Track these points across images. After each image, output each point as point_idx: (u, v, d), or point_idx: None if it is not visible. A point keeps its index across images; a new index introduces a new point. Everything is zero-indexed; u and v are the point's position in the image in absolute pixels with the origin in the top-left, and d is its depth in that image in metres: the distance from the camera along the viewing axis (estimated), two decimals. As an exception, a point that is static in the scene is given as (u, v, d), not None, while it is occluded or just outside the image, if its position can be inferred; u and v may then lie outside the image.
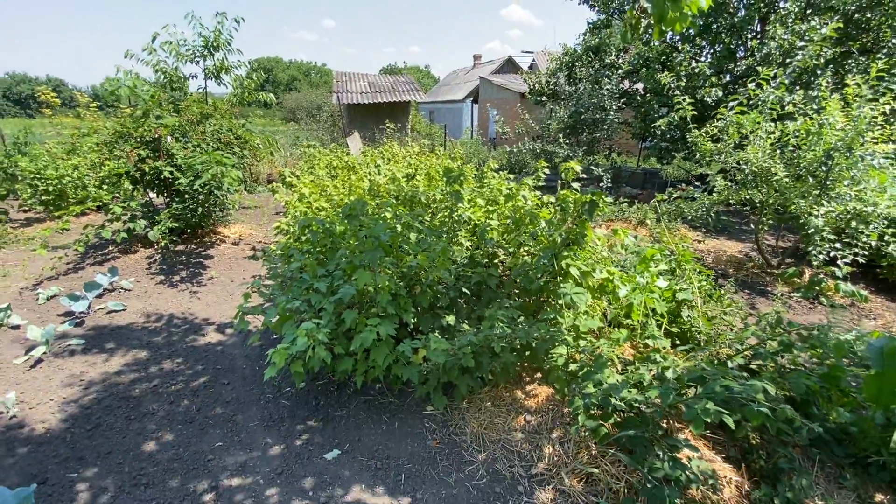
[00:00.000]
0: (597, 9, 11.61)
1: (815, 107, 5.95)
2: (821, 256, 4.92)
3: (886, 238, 4.93)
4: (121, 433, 2.70)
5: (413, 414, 2.90)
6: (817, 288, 5.35)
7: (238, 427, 2.78)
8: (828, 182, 5.03)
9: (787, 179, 5.20)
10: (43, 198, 7.30)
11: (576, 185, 3.65)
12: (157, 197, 6.29)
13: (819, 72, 7.80)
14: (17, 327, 3.98)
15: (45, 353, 3.53)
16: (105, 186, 5.75)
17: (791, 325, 2.83)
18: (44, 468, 2.44)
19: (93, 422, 2.79)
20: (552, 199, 4.12)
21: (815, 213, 5.04)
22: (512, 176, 5.11)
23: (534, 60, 23.28)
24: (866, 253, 4.97)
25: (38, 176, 7.32)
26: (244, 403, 3.01)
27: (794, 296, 5.47)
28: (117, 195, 5.88)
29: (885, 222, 4.95)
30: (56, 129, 9.23)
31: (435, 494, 2.29)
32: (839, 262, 4.96)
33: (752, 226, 6.17)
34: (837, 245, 5.02)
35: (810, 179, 5.14)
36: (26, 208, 8.04)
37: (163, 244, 5.61)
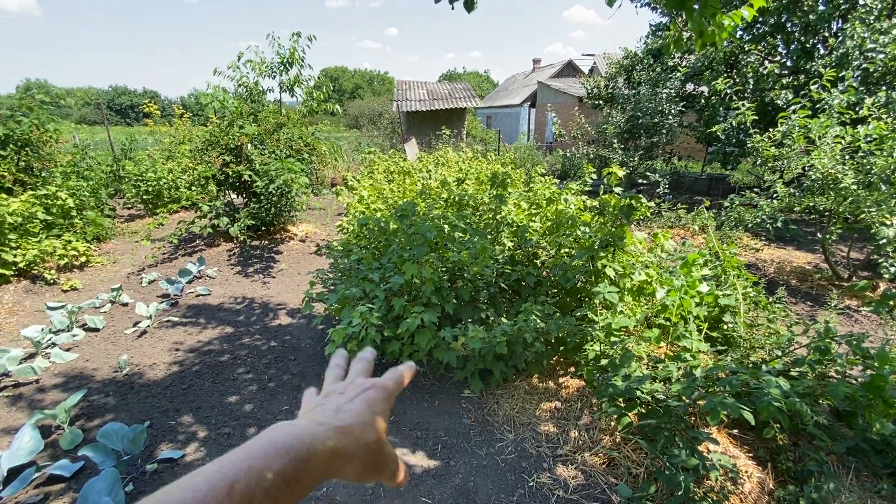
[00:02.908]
0: (659, 10, 11.35)
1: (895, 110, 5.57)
2: (892, 269, 4.65)
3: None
4: (208, 392, 3.22)
5: (452, 395, 3.19)
6: (891, 303, 5.02)
7: (301, 394, 3.21)
8: (904, 190, 4.73)
9: (854, 187, 4.94)
10: (144, 197, 8.41)
11: (618, 189, 3.79)
12: (237, 197, 7.08)
13: (906, 71, 7.20)
14: (126, 304, 4.74)
15: (148, 326, 4.21)
16: (193, 188, 6.58)
17: (829, 332, 2.81)
18: (149, 415, 2.99)
19: (186, 382, 3.35)
20: (596, 204, 4.26)
21: (888, 222, 4.76)
22: (559, 181, 5.28)
23: (594, 63, 22.89)
24: (949, 267, 4.62)
25: (140, 178, 8.45)
26: (307, 376, 3.45)
27: (864, 310, 5.17)
28: (204, 195, 6.70)
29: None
30: (155, 138, 10.54)
31: (466, 463, 2.57)
32: (914, 275, 4.66)
33: (819, 235, 5.86)
34: (913, 257, 4.71)
35: (883, 187, 4.85)
36: (129, 206, 9.27)
37: (241, 239, 6.33)
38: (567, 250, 3.84)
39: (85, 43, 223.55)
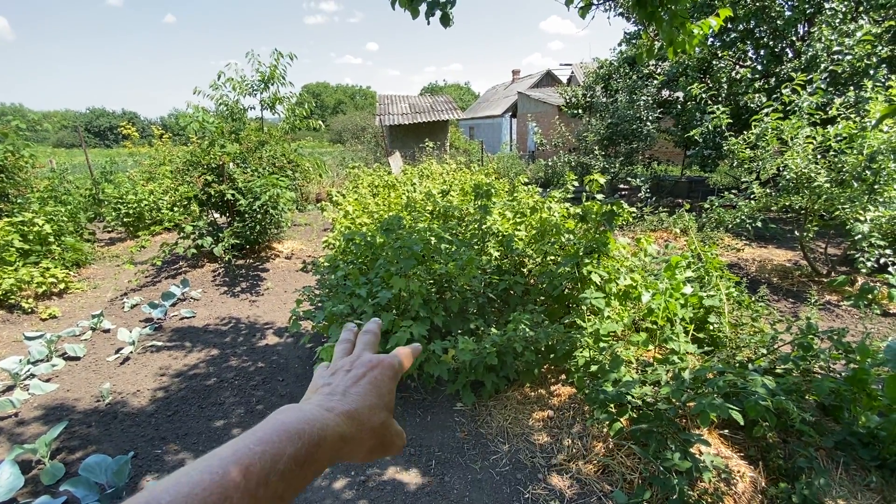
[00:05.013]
0: (632, 20, 11.64)
1: (866, 108, 5.77)
2: (868, 263, 4.78)
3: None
4: (195, 418, 3.15)
5: (444, 409, 3.16)
6: (869, 296, 5.14)
7: (291, 417, 3.15)
8: (875, 186, 4.88)
9: (828, 185, 5.08)
10: (125, 220, 8.27)
11: (599, 196, 3.84)
12: (221, 217, 6.99)
13: (872, 72, 7.48)
14: (107, 331, 4.63)
15: (131, 352, 4.11)
16: (176, 208, 6.49)
17: (811, 328, 2.86)
18: (134, 444, 2.91)
19: (172, 408, 3.27)
20: (579, 211, 4.32)
21: (862, 218, 4.90)
22: (541, 189, 5.33)
23: (573, 73, 23.32)
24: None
25: (120, 201, 8.31)
26: (296, 397, 3.40)
27: (844, 304, 5.29)
28: (187, 216, 6.62)
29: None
30: (135, 159, 10.41)
31: (461, 478, 2.54)
32: (890, 269, 4.79)
33: (797, 233, 6.00)
34: (888, 251, 4.85)
35: (854, 184, 5.00)
36: (109, 229, 9.09)
37: (226, 259, 6.24)
38: (553, 258, 3.87)
39: (61, 66, 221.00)
